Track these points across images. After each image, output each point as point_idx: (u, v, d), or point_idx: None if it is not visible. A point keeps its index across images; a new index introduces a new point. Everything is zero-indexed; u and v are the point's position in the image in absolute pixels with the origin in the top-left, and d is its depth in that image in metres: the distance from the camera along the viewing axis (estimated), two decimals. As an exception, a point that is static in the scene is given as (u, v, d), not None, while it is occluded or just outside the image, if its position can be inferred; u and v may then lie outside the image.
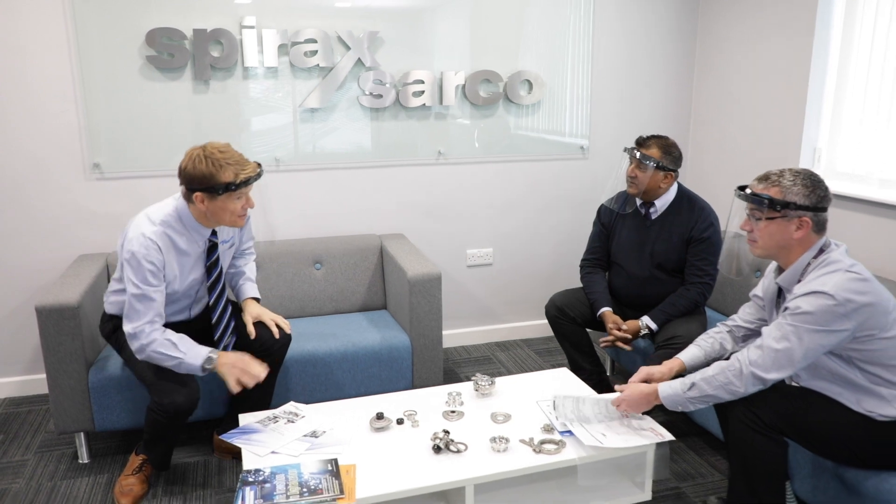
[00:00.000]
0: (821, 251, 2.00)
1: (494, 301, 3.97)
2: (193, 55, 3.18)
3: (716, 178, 3.85)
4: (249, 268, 2.77)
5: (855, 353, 1.95)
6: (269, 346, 2.58)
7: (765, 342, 1.97)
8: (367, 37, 3.37)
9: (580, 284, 3.15)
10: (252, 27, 3.23)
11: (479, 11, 3.56)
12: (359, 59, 3.39)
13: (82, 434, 2.72)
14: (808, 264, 2.00)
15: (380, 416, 2.29)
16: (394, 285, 3.22)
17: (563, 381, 2.62)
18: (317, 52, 3.32)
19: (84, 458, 2.75)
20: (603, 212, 3.15)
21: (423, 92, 3.52)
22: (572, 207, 3.91)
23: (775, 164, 3.34)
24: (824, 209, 1.98)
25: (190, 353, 2.32)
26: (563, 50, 3.72)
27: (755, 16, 3.49)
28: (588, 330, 3.08)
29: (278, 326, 2.61)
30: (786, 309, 1.97)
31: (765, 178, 2.03)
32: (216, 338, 2.55)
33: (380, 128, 3.54)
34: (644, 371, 2.29)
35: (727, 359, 2.09)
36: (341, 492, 1.92)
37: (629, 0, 3.77)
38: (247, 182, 2.30)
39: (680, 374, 2.28)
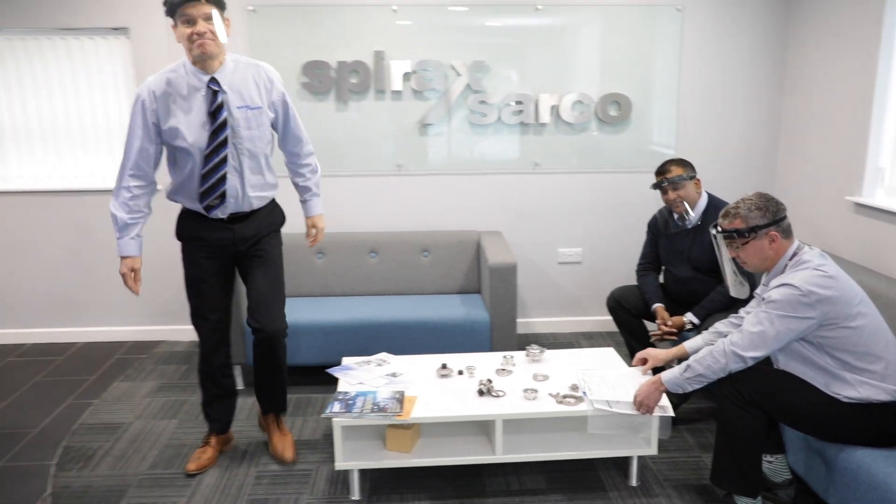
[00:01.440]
0: (795, 254, 2.39)
1: (582, 295, 4.48)
2: (337, 82, 4.04)
3: (802, 190, 4.09)
4: (314, 181, 2.96)
5: (824, 340, 2.31)
6: (264, 350, 2.85)
7: (744, 327, 2.39)
8: (474, 65, 4.05)
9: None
10: (383, 59, 4.02)
11: (571, 39, 4.11)
12: (467, 83, 4.08)
13: (238, 366, 3.64)
14: (786, 266, 2.40)
15: (444, 366, 2.96)
16: (484, 272, 3.87)
17: (605, 358, 3.12)
18: (433, 78, 4.05)
19: (240, 385, 3.66)
20: (651, 223, 3.60)
21: (521, 111, 4.13)
22: (658, 215, 4.32)
23: (846, 181, 3.60)
24: (783, 218, 2.37)
25: (119, 240, 2.65)
26: (652, 71, 4.17)
27: (831, 40, 3.73)
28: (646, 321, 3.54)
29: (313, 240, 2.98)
30: (763, 300, 2.38)
31: (726, 214, 2.47)
32: (201, 190, 2.63)
33: (484, 141, 4.20)
34: (642, 353, 2.80)
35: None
36: (401, 411, 2.61)
37: (717, 22, 4.14)
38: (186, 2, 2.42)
39: (683, 357, 2.73)
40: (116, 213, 2.62)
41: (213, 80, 2.57)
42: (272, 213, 2.86)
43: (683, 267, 3.39)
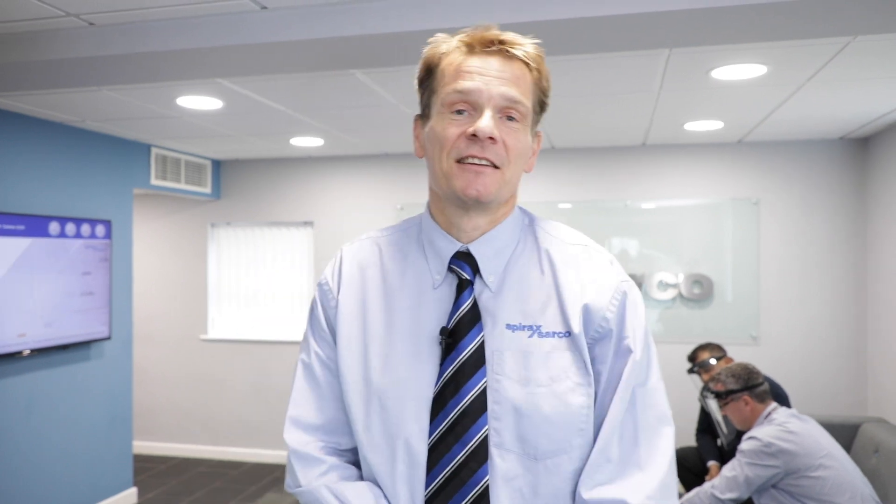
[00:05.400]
0: (769, 414, 2.79)
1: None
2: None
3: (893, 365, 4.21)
4: None
5: (793, 488, 2.65)
6: None
7: (722, 472, 2.79)
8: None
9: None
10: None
11: (656, 227, 4.80)
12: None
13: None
14: (761, 424, 2.80)
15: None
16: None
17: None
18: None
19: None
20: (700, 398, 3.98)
21: (611, 288, 4.81)
22: (746, 386, 4.62)
23: None
24: (756, 385, 2.80)
25: None
26: (732, 255, 4.69)
27: (897, 231, 4.05)
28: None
29: None
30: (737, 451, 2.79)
31: (712, 380, 2.95)
32: None
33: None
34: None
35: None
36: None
37: (794, 210, 4.61)
38: (478, 48, 1.11)
39: None
40: None
41: (465, 257, 1.17)
42: None
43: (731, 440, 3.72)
